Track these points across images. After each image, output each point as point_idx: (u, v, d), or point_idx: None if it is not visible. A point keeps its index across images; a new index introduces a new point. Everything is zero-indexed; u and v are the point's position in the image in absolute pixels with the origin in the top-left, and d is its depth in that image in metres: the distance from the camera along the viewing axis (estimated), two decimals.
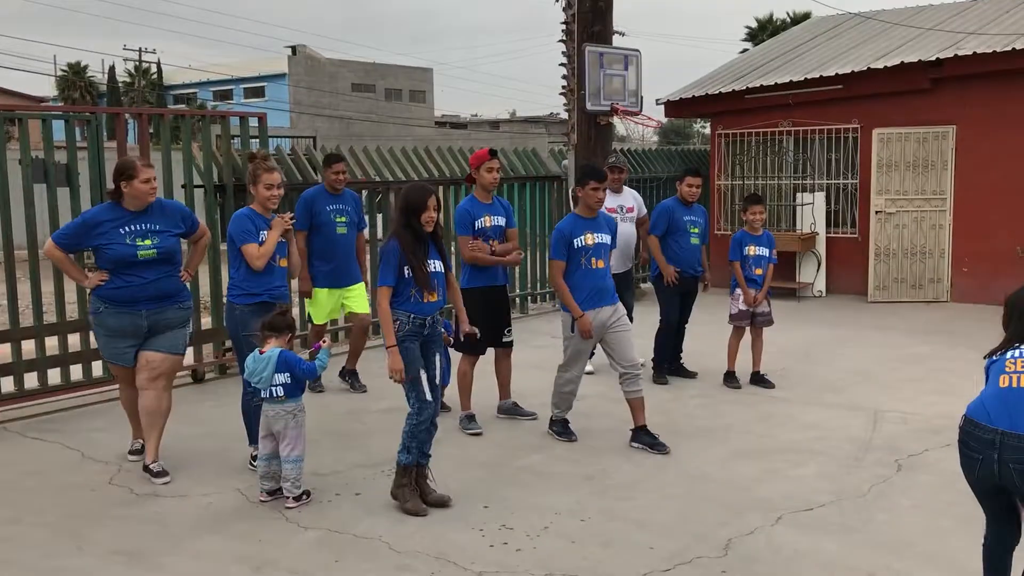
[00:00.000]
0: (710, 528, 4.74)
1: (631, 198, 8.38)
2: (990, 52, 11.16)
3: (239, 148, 8.37)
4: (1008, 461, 3.35)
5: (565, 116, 11.97)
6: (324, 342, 5.34)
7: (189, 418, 6.65)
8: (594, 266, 6.03)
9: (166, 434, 5.62)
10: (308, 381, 5.38)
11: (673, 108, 14.22)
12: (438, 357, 5.12)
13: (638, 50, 11.40)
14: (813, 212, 12.71)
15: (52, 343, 7.23)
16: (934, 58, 11.56)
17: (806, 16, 32.68)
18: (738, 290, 7.69)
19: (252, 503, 5.11)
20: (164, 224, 5.42)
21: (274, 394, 5.01)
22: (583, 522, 4.83)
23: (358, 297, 7.56)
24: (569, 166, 11.61)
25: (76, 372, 7.33)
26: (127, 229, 5.29)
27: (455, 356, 6.08)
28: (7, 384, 7.00)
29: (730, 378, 7.73)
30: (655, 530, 4.72)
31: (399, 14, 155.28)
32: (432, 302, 5.00)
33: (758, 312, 7.71)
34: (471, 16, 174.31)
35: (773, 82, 12.82)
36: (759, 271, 7.69)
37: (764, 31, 41.81)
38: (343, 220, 7.40)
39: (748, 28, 46.00)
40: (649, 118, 12.09)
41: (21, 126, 7.04)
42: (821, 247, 12.69)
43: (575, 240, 6.03)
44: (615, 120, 11.55)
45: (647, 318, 8.45)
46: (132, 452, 5.84)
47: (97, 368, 7.36)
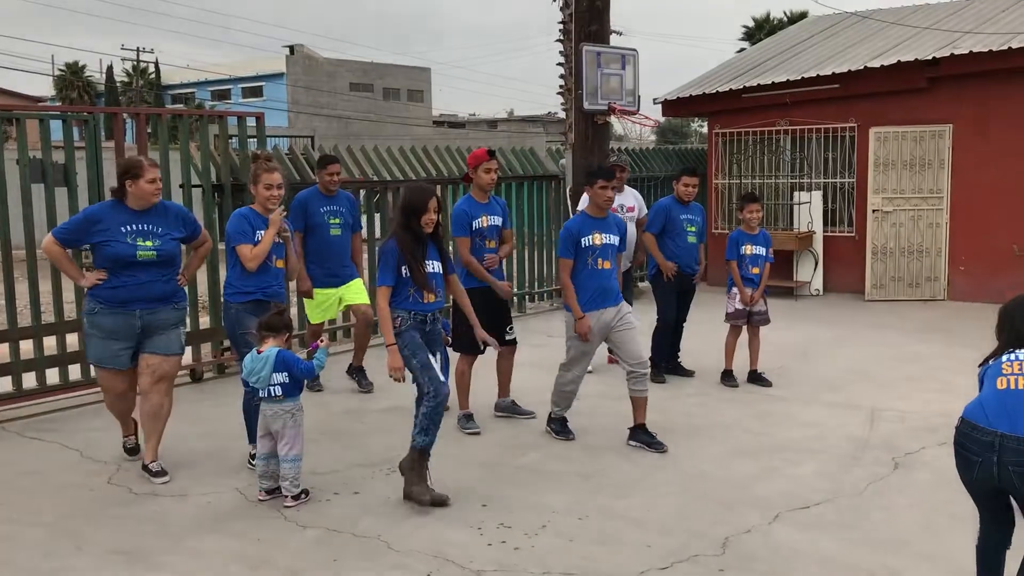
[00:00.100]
0: (708, 526, 4.75)
1: (632, 197, 8.40)
2: (986, 51, 11.18)
3: (237, 148, 8.38)
4: (1008, 464, 3.34)
5: (563, 115, 11.99)
6: (322, 341, 5.34)
7: (188, 417, 6.65)
8: (600, 266, 6.01)
9: (165, 433, 5.62)
10: (306, 380, 5.39)
11: (670, 107, 14.25)
12: (438, 356, 5.13)
13: (635, 49, 11.42)
14: (810, 211, 12.72)
15: (50, 343, 7.24)
16: (931, 57, 11.58)
17: (803, 15, 32.71)
18: (735, 289, 7.70)
19: (251, 502, 5.12)
20: (166, 227, 5.38)
21: (272, 393, 5.02)
22: (581, 520, 4.84)
23: (357, 291, 7.55)
24: (567, 165, 11.63)
25: (74, 372, 7.33)
26: (128, 228, 5.25)
27: (453, 356, 6.08)
28: (5, 384, 7.01)
29: (727, 377, 7.75)
30: (653, 528, 4.74)
31: (397, 14, 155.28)
32: (431, 302, 5.01)
33: (755, 311, 7.73)
34: (469, 16, 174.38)
35: (770, 81, 12.84)
36: (756, 270, 7.70)
37: (761, 30, 41.85)
38: (337, 221, 7.39)
39: (745, 27, 46.06)
40: (646, 117, 12.12)
41: (19, 126, 7.04)
42: (818, 246, 12.71)
43: (583, 239, 6.01)
44: (612, 119, 11.59)
45: (644, 317, 8.43)
46: (127, 450, 5.83)
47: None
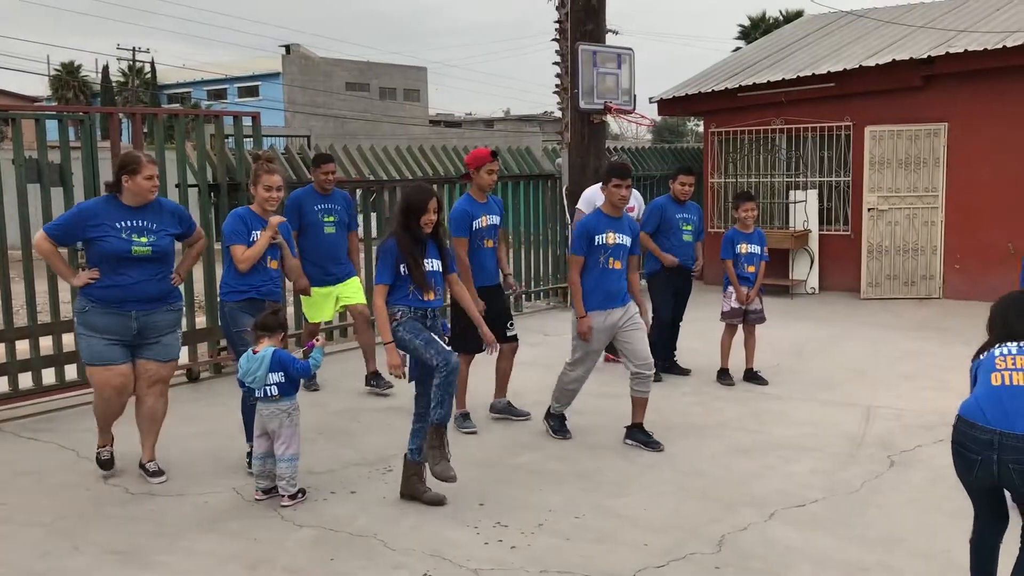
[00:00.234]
0: (704, 524, 4.77)
1: (632, 198, 8.39)
2: (981, 50, 11.21)
3: (233, 148, 8.38)
4: (1008, 462, 3.34)
5: (559, 114, 11.99)
6: (317, 341, 5.34)
7: (184, 417, 6.65)
8: (611, 266, 5.98)
9: (161, 434, 5.61)
10: (303, 380, 5.39)
11: (666, 106, 14.27)
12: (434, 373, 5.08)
13: (631, 48, 11.42)
14: (806, 209, 12.74)
15: (46, 343, 7.23)
16: (926, 56, 11.60)
17: (799, 14, 32.76)
18: (730, 288, 7.72)
19: (247, 502, 5.12)
20: (161, 223, 5.29)
21: (268, 393, 5.02)
22: (577, 519, 4.85)
23: (353, 290, 7.54)
24: (563, 165, 11.63)
25: (70, 372, 7.33)
26: (123, 224, 5.14)
27: None
28: (1, 384, 7.00)
29: (723, 375, 7.76)
30: (649, 527, 4.75)
31: (393, 13, 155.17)
32: (430, 300, 5.00)
33: (750, 310, 7.74)
34: (465, 15, 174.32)
35: (766, 80, 12.86)
36: (751, 269, 7.72)
37: (757, 29, 41.92)
38: (331, 220, 7.39)
39: (741, 26, 46.15)
40: (642, 116, 12.11)
41: (15, 126, 7.04)
42: (814, 244, 12.73)
43: (597, 237, 5.96)
44: (608, 118, 11.57)
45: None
46: (101, 462, 5.49)
47: None
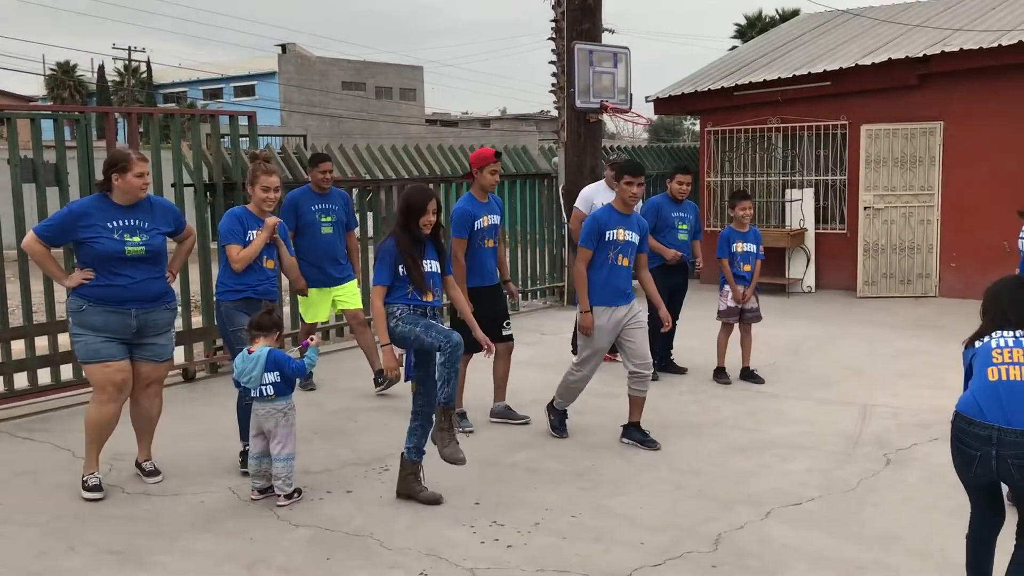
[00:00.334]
0: (700, 523, 4.77)
1: None
2: (977, 48, 11.23)
3: (229, 147, 8.37)
4: (1007, 457, 3.36)
5: (555, 114, 12.01)
6: (312, 340, 5.32)
7: (180, 417, 6.64)
8: (619, 263, 5.96)
9: (157, 433, 5.61)
10: (299, 380, 5.39)
11: (662, 105, 14.27)
12: (437, 354, 5.09)
13: (627, 47, 11.44)
14: (802, 208, 12.76)
15: (42, 343, 7.22)
16: (921, 55, 11.62)
17: (795, 13, 32.79)
18: (726, 287, 7.73)
19: (244, 501, 5.12)
20: (153, 222, 5.21)
21: (264, 393, 5.02)
22: (574, 518, 4.85)
23: (350, 294, 7.53)
24: (559, 164, 11.64)
25: (66, 372, 7.32)
26: (115, 224, 5.05)
27: None
28: None
29: (720, 374, 7.77)
30: (645, 525, 4.75)
31: (389, 12, 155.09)
32: (429, 301, 4.99)
33: (746, 308, 7.75)
34: (461, 14, 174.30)
35: (762, 79, 12.87)
36: (747, 267, 7.73)
37: (753, 28, 41.94)
38: (328, 220, 7.36)
39: (737, 25, 46.18)
40: (638, 115, 12.14)
41: (10, 125, 7.03)
42: (810, 243, 12.74)
43: (608, 232, 5.93)
44: (605, 117, 11.60)
45: None
46: (89, 488, 5.16)
47: None
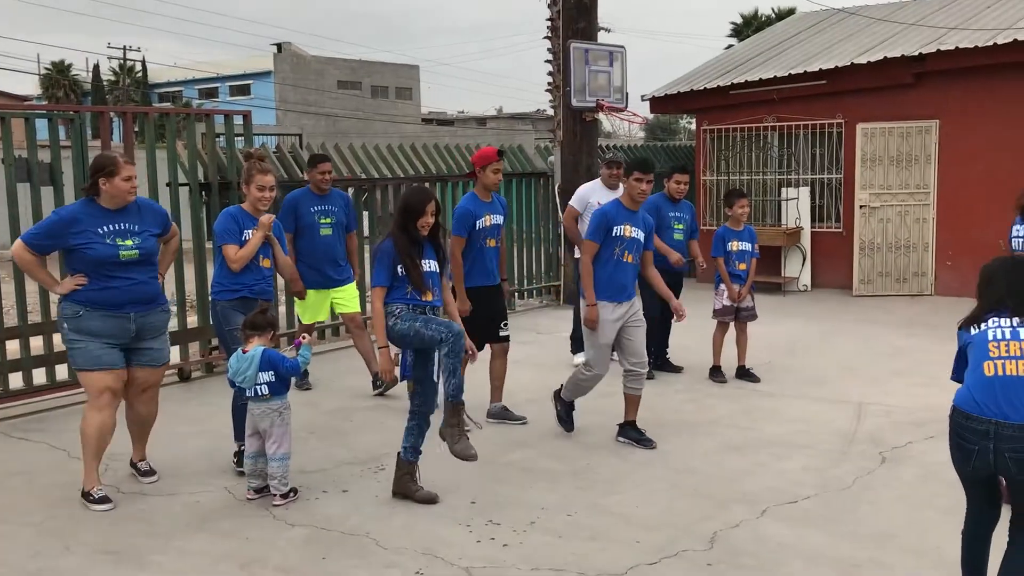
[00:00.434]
0: (696, 521, 4.77)
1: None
2: (972, 47, 11.24)
3: (224, 146, 8.36)
4: (1004, 451, 3.38)
5: (551, 112, 12.01)
6: (304, 338, 5.30)
7: (176, 417, 6.63)
8: (625, 259, 5.95)
9: (153, 433, 5.60)
10: (294, 378, 5.38)
11: (658, 104, 14.28)
12: (435, 354, 5.06)
13: (623, 46, 11.44)
14: (798, 207, 12.77)
15: (37, 343, 7.21)
16: (917, 53, 11.63)
17: (790, 12, 32.82)
18: (722, 286, 7.73)
19: (239, 501, 5.11)
20: (143, 224, 5.10)
21: (259, 392, 5.01)
22: (570, 517, 4.85)
23: (348, 297, 7.49)
24: (555, 163, 11.64)
25: (61, 372, 7.31)
26: (106, 228, 4.95)
27: None
28: None
29: (716, 372, 7.78)
30: (641, 524, 4.75)
31: (385, 11, 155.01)
32: (428, 300, 4.97)
33: (742, 307, 7.76)
34: (457, 13, 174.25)
35: (758, 78, 12.88)
36: (743, 266, 7.74)
37: (749, 27, 41.97)
38: (328, 221, 7.33)
39: (733, 24, 46.21)
40: (634, 114, 12.13)
41: (4, 125, 7.00)
42: (806, 242, 12.76)
43: (615, 228, 5.91)
44: (601, 116, 11.59)
45: None
46: (97, 500, 5.03)
47: None
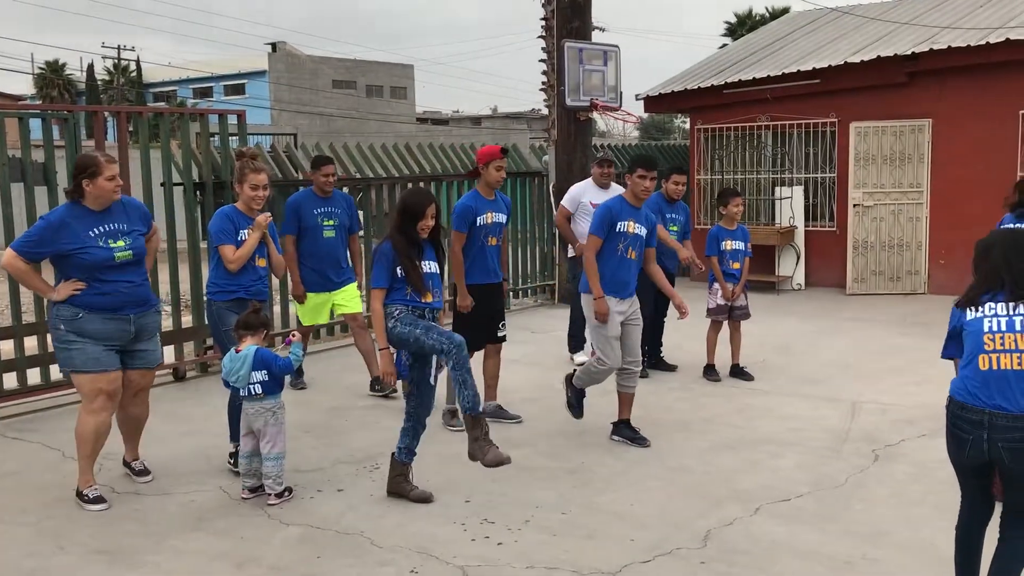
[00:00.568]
0: (690, 519, 4.79)
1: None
2: (965, 46, 11.27)
3: (218, 146, 8.36)
4: (997, 440, 3.41)
5: (546, 112, 12.02)
6: (294, 336, 5.29)
7: (171, 416, 6.64)
8: (628, 255, 5.96)
9: (147, 432, 5.60)
10: (288, 377, 5.37)
11: (652, 103, 14.30)
12: (434, 358, 5.02)
13: (617, 45, 11.45)
14: (792, 206, 12.80)
15: (31, 343, 7.20)
16: (910, 52, 11.67)
17: (784, 11, 32.86)
18: (716, 284, 7.75)
19: (234, 500, 5.12)
20: (131, 223, 5.05)
21: (252, 392, 5.01)
22: (564, 515, 4.86)
23: (349, 297, 7.43)
24: (550, 162, 11.65)
25: (55, 372, 7.27)
26: (97, 231, 4.89)
27: None
28: None
29: (710, 371, 7.80)
30: (635, 522, 4.77)
31: (380, 11, 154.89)
32: (428, 302, 4.95)
33: (736, 306, 7.78)
34: (452, 12, 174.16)
35: (751, 77, 12.90)
36: (736, 265, 7.76)
37: (743, 26, 42.04)
38: (331, 223, 7.28)
39: (727, 23, 46.31)
40: (628, 113, 12.15)
41: None
42: (800, 240, 12.78)
43: (619, 223, 5.91)
44: (595, 115, 11.61)
45: None
46: (92, 500, 5.04)
47: None
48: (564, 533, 4.64)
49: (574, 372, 6.27)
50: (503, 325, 6.60)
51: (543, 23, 11.32)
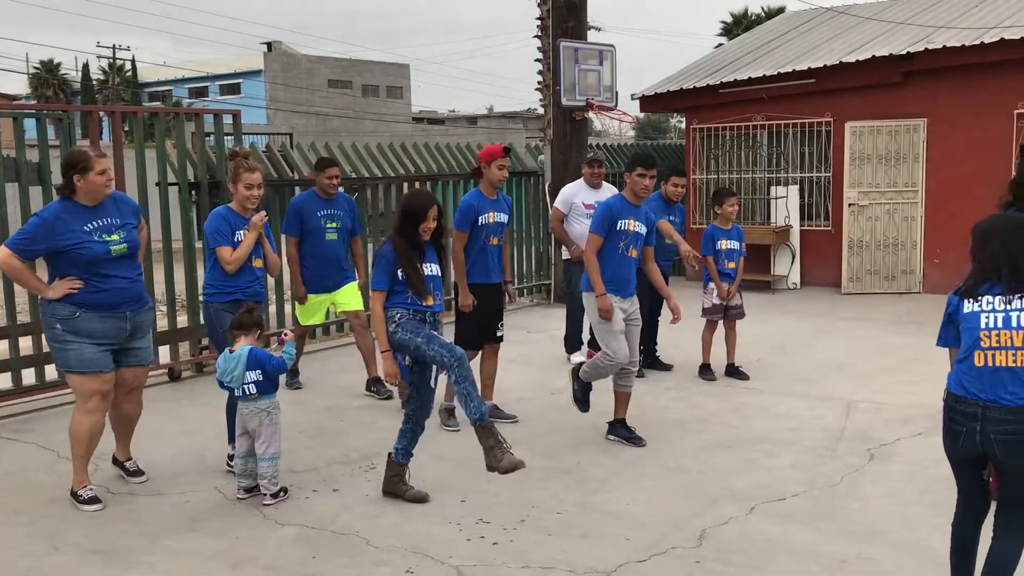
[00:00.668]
0: (685, 519, 4.79)
1: (609, 194, 8.40)
2: (960, 46, 11.28)
3: (214, 146, 8.34)
4: (990, 433, 3.43)
5: (542, 112, 12.02)
6: (286, 334, 5.27)
7: (166, 416, 6.63)
8: (628, 253, 5.96)
9: (142, 432, 5.59)
10: (283, 377, 5.36)
11: (648, 103, 14.30)
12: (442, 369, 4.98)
13: (613, 45, 11.46)
14: (787, 205, 12.81)
15: (26, 343, 7.18)
16: (905, 52, 11.68)
17: (780, 11, 32.90)
18: (711, 284, 7.76)
19: (229, 501, 5.11)
20: (123, 217, 5.03)
21: (247, 392, 5.01)
22: (560, 515, 4.87)
23: (349, 295, 7.40)
24: (546, 162, 11.65)
25: (51, 372, 7.27)
26: (91, 226, 4.87)
27: None
28: None
29: (705, 370, 7.80)
30: (631, 522, 4.77)
31: (376, 10, 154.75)
32: (429, 305, 4.92)
33: (731, 305, 7.79)
34: (448, 12, 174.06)
35: (747, 76, 12.91)
36: (731, 264, 7.77)
37: (739, 26, 42.01)
38: (334, 226, 7.24)
39: (723, 23, 46.23)
40: (624, 113, 12.16)
41: None
42: (795, 240, 12.80)
43: (620, 222, 5.90)
44: (591, 115, 11.61)
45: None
46: (87, 501, 5.03)
47: None
48: (560, 533, 4.64)
49: (581, 366, 6.26)
50: (501, 326, 6.61)
51: (539, 23, 11.32)
